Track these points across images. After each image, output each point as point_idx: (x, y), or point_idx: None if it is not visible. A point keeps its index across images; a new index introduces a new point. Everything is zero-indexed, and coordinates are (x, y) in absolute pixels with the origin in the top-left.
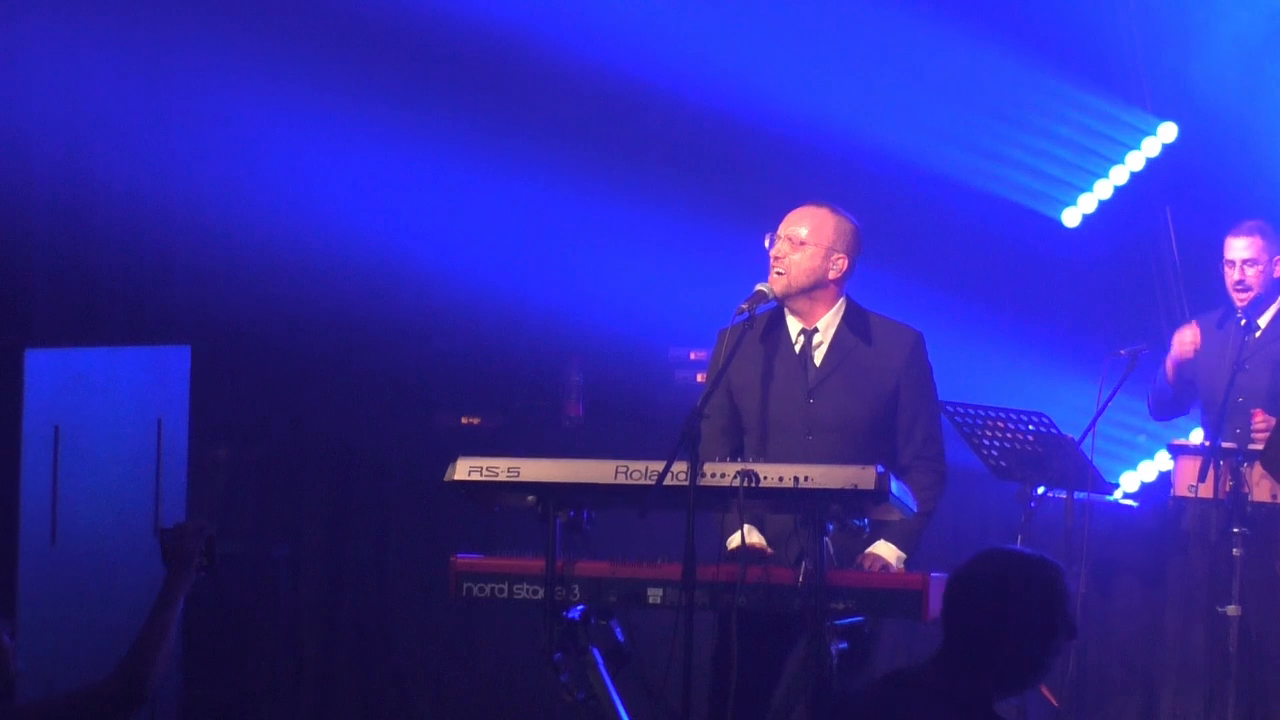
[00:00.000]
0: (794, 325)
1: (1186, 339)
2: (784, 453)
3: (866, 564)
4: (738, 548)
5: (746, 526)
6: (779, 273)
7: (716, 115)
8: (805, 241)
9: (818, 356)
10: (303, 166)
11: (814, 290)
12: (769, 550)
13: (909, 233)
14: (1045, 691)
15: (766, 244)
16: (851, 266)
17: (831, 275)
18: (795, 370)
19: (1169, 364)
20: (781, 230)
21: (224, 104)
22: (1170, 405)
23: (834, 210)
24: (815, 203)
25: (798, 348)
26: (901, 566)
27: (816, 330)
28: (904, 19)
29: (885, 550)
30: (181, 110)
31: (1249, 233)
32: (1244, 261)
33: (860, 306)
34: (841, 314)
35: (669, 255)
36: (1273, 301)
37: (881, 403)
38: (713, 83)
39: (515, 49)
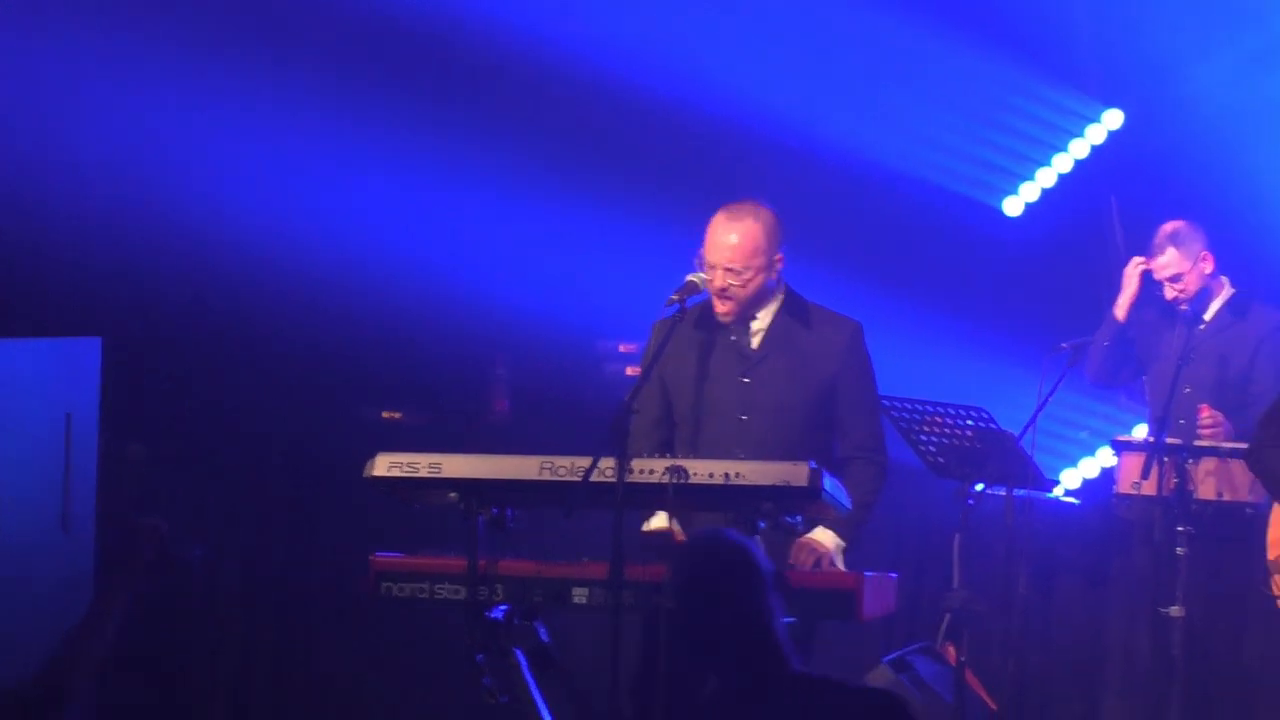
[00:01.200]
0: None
1: (1132, 269)
2: (718, 437)
3: (803, 555)
4: (652, 530)
5: (663, 513)
6: (728, 300)
7: (645, 104)
8: (746, 268)
9: (755, 340)
10: (220, 155)
11: (762, 299)
12: (680, 536)
13: (846, 222)
14: (982, 694)
15: (698, 265)
16: (783, 255)
17: (774, 278)
18: (731, 353)
19: (1118, 308)
20: (712, 259)
21: (137, 92)
22: (1110, 366)
23: (754, 216)
24: (731, 213)
25: (734, 333)
26: (840, 555)
27: (755, 316)
28: (842, 3)
29: (824, 536)
30: (94, 97)
31: (1161, 249)
32: (1168, 279)
33: (800, 296)
34: (781, 301)
35: (597, 246)
36: (1216, 294)
37: (818, 390)
38: (644, 71)
39: (443, 36)
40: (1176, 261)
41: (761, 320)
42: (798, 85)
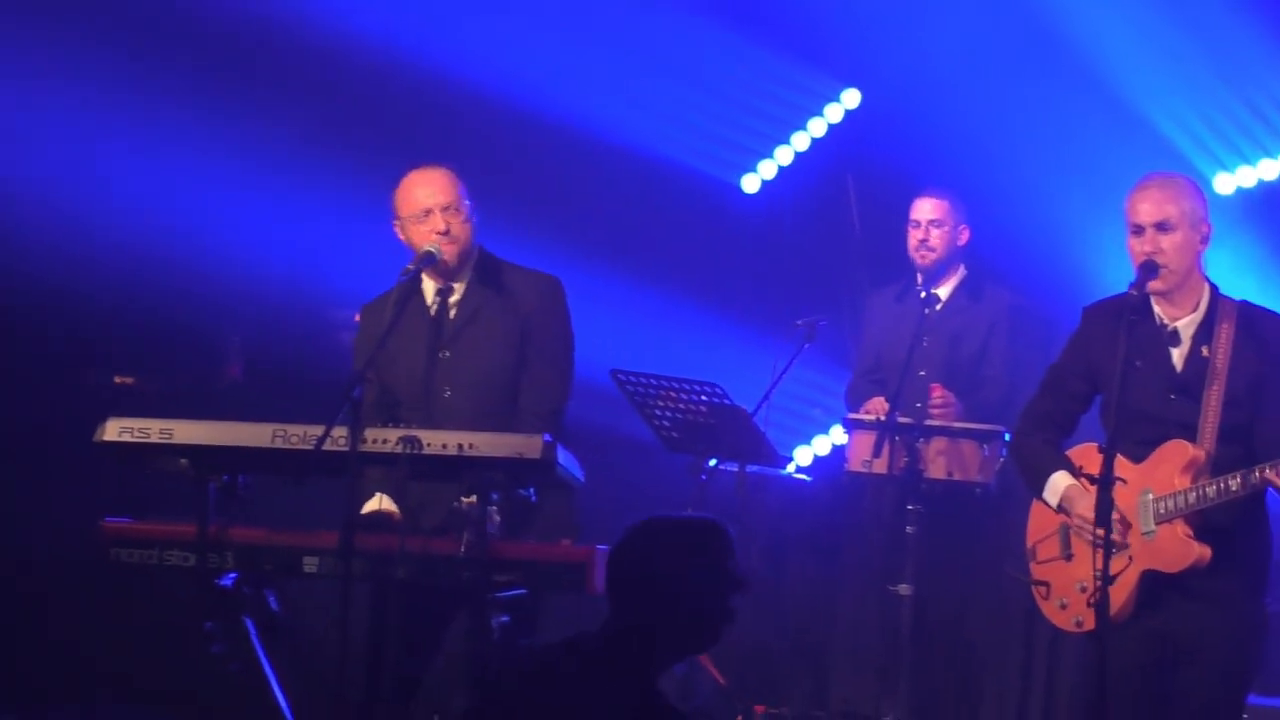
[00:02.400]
0: (430, 287)
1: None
2: (428, 413)
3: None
4: (371, 513)
5: (380, 494)
6: (453, 242)
7: (380, 71)
8: (459, 206)
9: (452, 311)
10: None
11: (470, 250)
12: (398, 516)
13: (583, 198)
14: (711, 669)
15: (409, 224)
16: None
17: (473, 229)
18: (431, 329)
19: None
20: (427, 203)
21: None
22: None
23: (441, 167)
24: (421, 167)
25: (434, 309)
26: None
27: (452, 288)
28: None
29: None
30: None
31: (938, 195)
32: (930, 222)
33: (494, 256)
34: (473, 265)
35: (332, 214)
36: (953, 273)
37: (515, 354)
38: (382, 39)
39: (176, 4)
40: (944, 212)
41: (458, 289)
42: (538, 59)
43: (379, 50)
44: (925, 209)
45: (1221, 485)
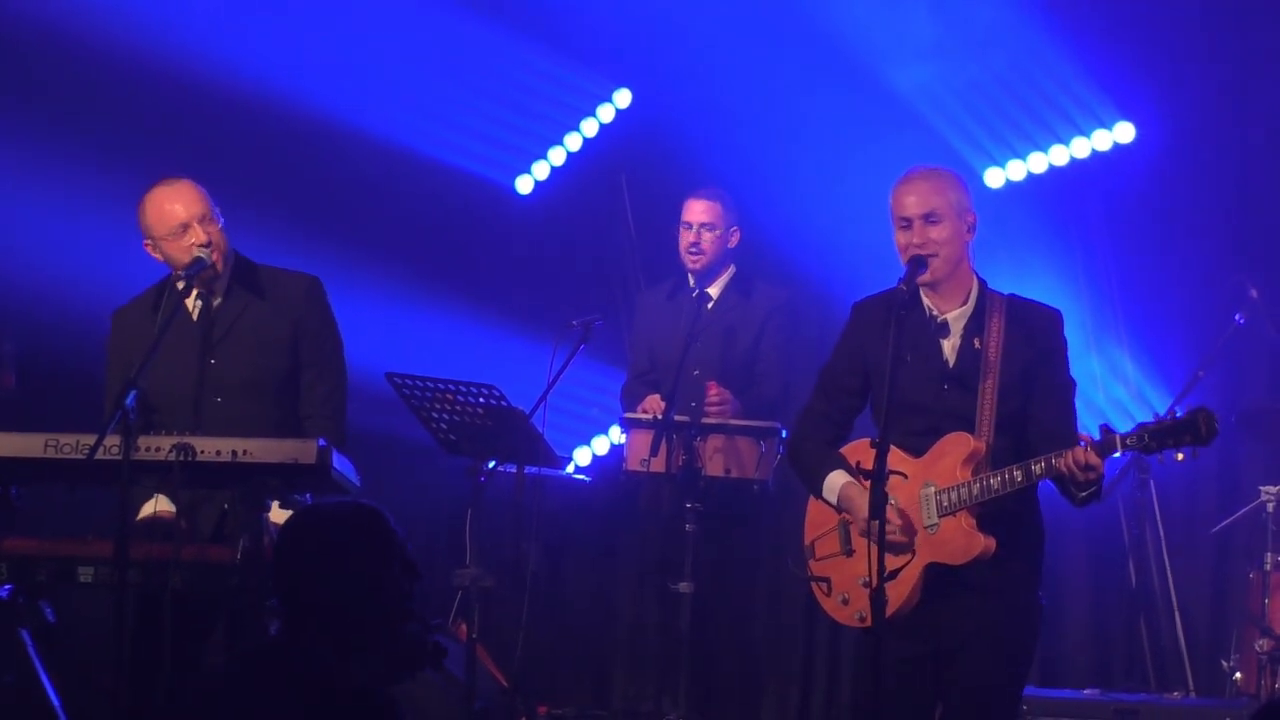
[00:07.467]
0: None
1: (649, 408)
2: (196, 421)
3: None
4: (147, 518)
5: (158, 495)
6: (217, 250)
7: (150, 76)
8: (214, 217)
9: (215, 319)
10: None
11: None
12: (179, 520)
13: (356, 200)
14: (494, 670)
15: (161, 242)
16: None
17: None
18: (194, 335)
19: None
20: (184, 216)
21: None
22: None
23: (181, 179)
24: (165, 181)
25: (195, 314)
26: None
27: (214, 292)
28: None
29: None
30: None
31: (711, 197)
32: (701, 225)
33: (250, 260)
34: (229, 270)
35: (107, 218)
36: (723, 272)
37: (283, 356)
38: (148, 41)
39: None
40: (717, 215)
41: (219, 295)
42: (309, 59)
43: (151, 54)
44: (697, 211)
45: (1006, 476)
